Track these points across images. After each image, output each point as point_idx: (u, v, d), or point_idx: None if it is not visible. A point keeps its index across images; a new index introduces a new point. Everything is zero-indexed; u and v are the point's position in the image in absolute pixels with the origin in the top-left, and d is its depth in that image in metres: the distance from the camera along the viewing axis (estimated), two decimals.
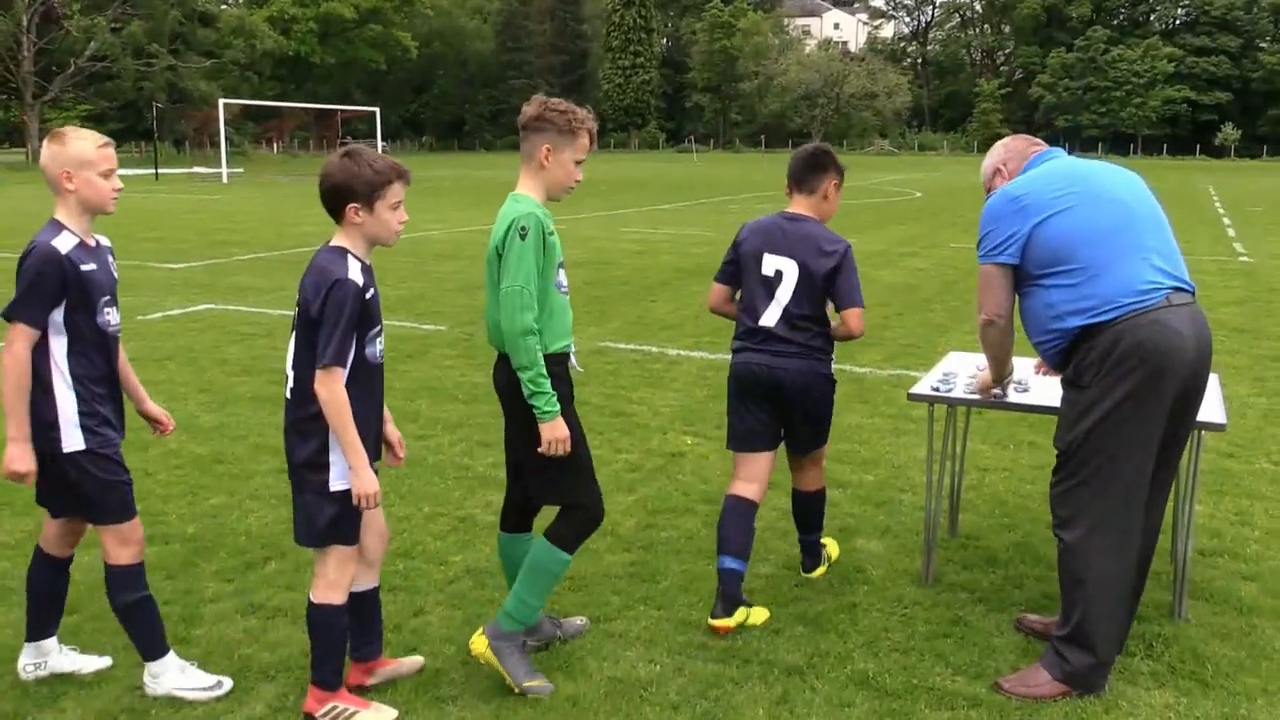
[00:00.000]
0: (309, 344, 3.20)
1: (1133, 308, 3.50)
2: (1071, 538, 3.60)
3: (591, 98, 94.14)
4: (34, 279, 3.21)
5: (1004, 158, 4.02)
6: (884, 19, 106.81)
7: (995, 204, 3.76)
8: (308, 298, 3.20)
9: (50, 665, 3.65)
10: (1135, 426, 3.53)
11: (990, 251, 3.74)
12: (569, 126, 3.56)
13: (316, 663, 3.38)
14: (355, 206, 3.23)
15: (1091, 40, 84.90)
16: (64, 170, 3.29)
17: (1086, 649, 3.56)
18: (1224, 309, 11.48)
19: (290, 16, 73.08)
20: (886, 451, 6.34)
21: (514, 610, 3.59)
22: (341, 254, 3.25)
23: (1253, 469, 6.03)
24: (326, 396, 3.15)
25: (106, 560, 3.44)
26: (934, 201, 28.95)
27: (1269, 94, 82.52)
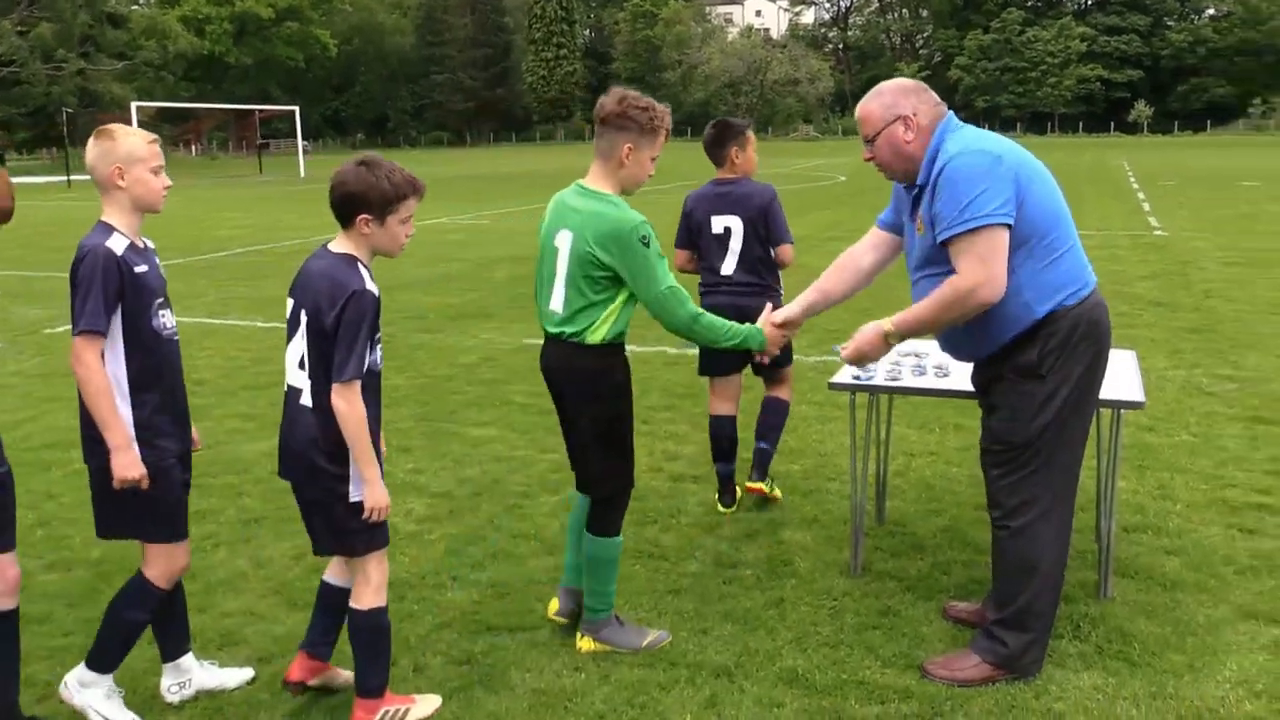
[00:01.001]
0: (322, 353, 3.12)
1: (1087, 290, 3.46)
2: (1023, 523, 3.51)
3: (515, 90, 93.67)
4: (92, 285, 3.08)
5: (915, 107, 3.49)
6: (804, 5, 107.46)
7: (977, 163, 3.32)
8: (320, 306, 3.10)
9: (195, 683, 3.54)
10: (1086, 408, 3.53)
11: (996, 210, 3.27)
12: (651, 125, 3.60)
13: (367, 673, 3.31)
14: (367, 218, 3.16)
15: (1007, 22, 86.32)
16: (115, 167, 3.17)
17: (1026, 631, 3.54)
18: (1140, 283, 11.68)
19: (204, 16, 71.47)
20: (813, 440, 6.30)
21: (595, 604, 3.81)
22: (351, 262, 3.17)
23: (1173, 442, 6.10)
24: (346, 410, 3.09)
25: (143, 570, 3.32)
26: (858, 185, 29.16)
27: (1178, 71, 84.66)
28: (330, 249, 3.22)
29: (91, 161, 3.20)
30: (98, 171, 3.19)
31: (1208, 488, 5.38)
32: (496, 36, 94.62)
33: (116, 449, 3.11)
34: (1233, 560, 4.49)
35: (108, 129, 3.22)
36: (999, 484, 3.57)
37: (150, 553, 3.32)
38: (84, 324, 3.08)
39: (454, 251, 15.87)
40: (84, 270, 3.10)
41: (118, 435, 3.12)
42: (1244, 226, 17.12)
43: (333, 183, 3.18)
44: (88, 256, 3.11)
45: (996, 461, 3.58)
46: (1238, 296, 10.84)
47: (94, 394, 3.10)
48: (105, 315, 3.10)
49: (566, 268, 3.60)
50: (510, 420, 6.84)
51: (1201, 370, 7.75)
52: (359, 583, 3.31)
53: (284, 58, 76.70)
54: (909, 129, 3.49)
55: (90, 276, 3.09)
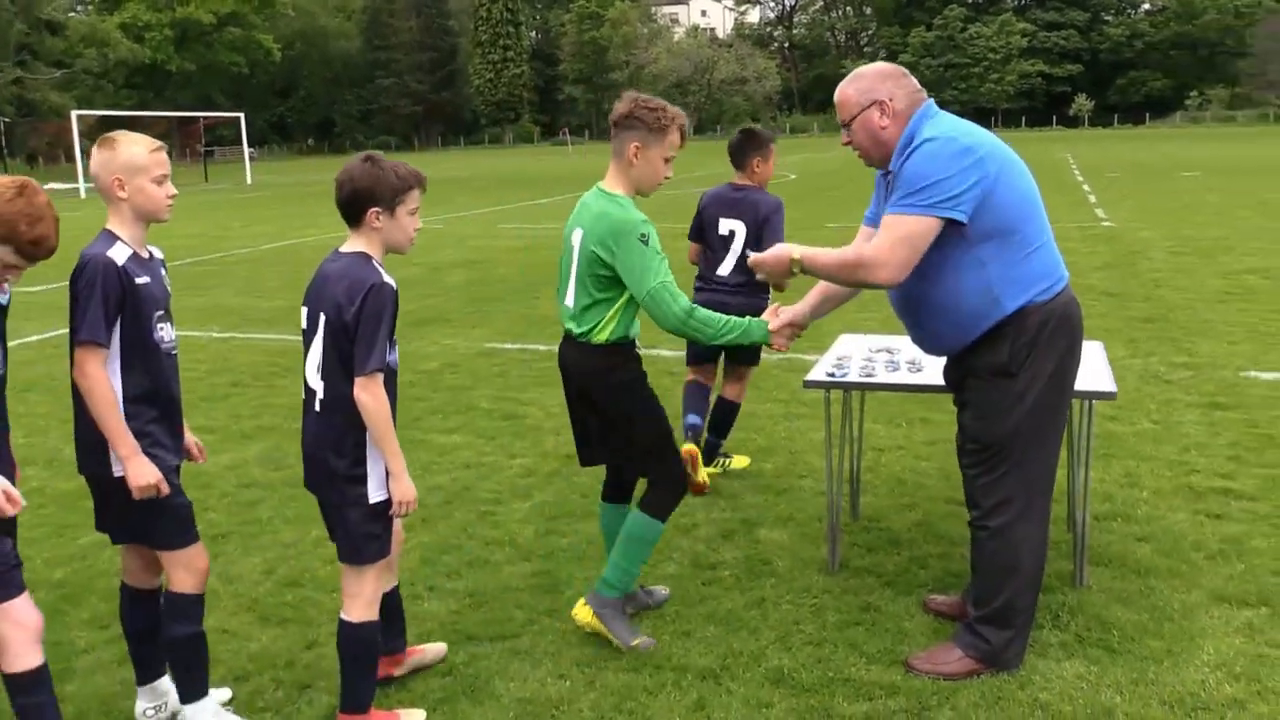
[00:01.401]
0: (340, 352, 3.13)
1: (1058, 287, 3.46)
2: (1001, 523, 3.49)
3: (462, 93, 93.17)
4: (93, 294, 3.02)
5: (891, 92, 3.45)
6: (749, 4, 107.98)
7: (943, 151, 3.28)
8: (340, 303, 3.12)
9: (171, 706, 3.44)
10: (1059, 405, 3.53)
11: (938, 203, 3.25)
12: (658, 124, 3.67)
13: (353, 688, 3.29)
14: (377, 211, 3.20)
15: (949, 19, 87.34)
16: (115, 178, 3.11)
17: (1008, 627, 3.55)
18: (1092, 274, 11.84)
19: (144, 23, 70.20)
20: (782, 438, 6.31)
21: (614, 578, 3.81)
22: (366, 259, 3.21)
23: (1136, 430, 6.18)
24: (371, 403, 3.10)
25: (168, 587, 3.24)
26: (808, 183, 29.35)
27: (1116, 64, 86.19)
28: (342, 251, 3.25)
29: (94, 170, 3.15)
30: (99, 180, 3.13)
31: (1172, 474, 5.46)
32: (442, 39, 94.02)
33: (128, 458, 3.05)
34: (1202, 545, 4.55)
35: (111, 137, 3.14)
36: (975, 483, 3.56)
37: (165, 561, 3.24)
38: (85, 334, 3.02)
39: (409, 256, 15.65)
40: (84, 280, 3.04)
41: (126, 445, 3.05)
42: (1186, 217, 17.43)
43: (339, 181, 3.21)
44: (88, 266, 3.05)
45: (973, 461, 3.56)
46: (1186, 285, 11.03)
47: (100, 404, 3.03)
48: (106, 326, 3.04)
49: (577, 266, 3.73)
50: (476, 426, 6.78)
51: (1157, 358, 7.87)
52: (352, 594, 3.27)
53: (227, 64, 75.55)
54: (884, 114, 3.46)
55: (91, 286, 3.03)
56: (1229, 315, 9.38)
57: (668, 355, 8.31)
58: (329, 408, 3.16)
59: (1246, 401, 6.69)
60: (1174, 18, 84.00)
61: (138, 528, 3.20)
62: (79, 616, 4.24)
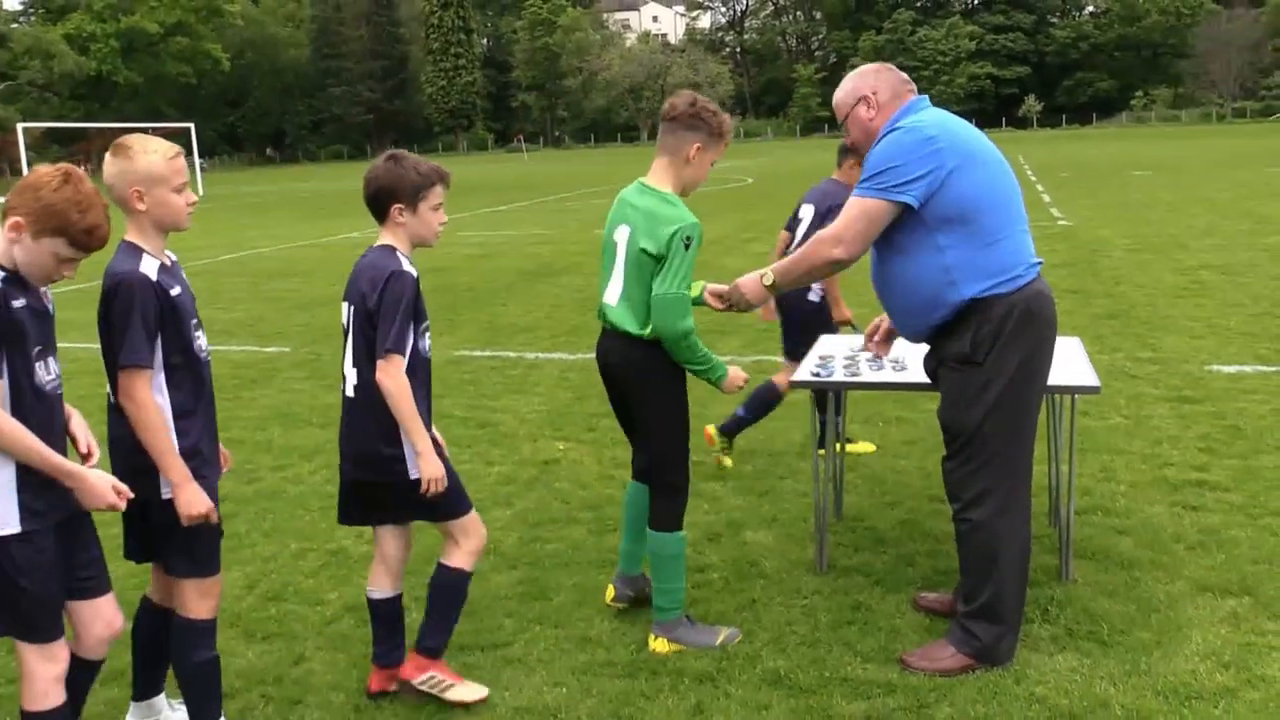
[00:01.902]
0: (367, 340, 3.26)
1: (1026, 279, 3.49)
2: (982, 516, 3.53)
3: (415, 101, 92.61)
4: (131, 315, 2.91)
5: (874, 86, 3.62)
6: (700, 10, 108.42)
7: (904, 139, 3.40)
8: (364, 292, 3.27)
9: None
10: (1030, 398, 3.55)
11: (890, 187, 3.38)
12: (720, 130, 3.78)
13: (431, 630, 3.49)
14: (400, 206, 3.35)
15: (898, 23, 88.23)
16: (135, 189, 2.98)
17: (998, 622, 3.57)
18: (1052, 272, 11.96)
19: (89, 34, 68.99)
20: (761, 440, 6.31)
21: (665, 603, 3.84)
22: (390, 251, 3.36)
23: (1108, 424, 6.25)
24: (390, 384, 3.21)
25: (182, 614, 3.13)
26: (766, 186, 29.48)
27: (1063, 66, 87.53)
28: (372, 247, 3.41)
29: (109, 180, 3.01)
30: (115, 191, 3.00)
31: (1147, 467, 5.52)
32: (394, 48, 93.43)
33: (179, 486, 2.96)
34: (1181, 537, 4.61)
35: (125, 144, 3.01)
36: (953, 476, 3.60)
37: (183, 587, 3.12)
38: (130, 358, 2.91)
39: None
40: (120, 301, 2.92)
41: (178, 471, 2.96)
42: (1140, 214, 17.72)
43: (366, 179, 3.37)
44: (121, 286, 2.93)
45: (950, 453, 3.61)
46: (1145, 281, 11.20)
47: (150, 430, 2.93)
48: (149, 346, 2.93)
49: (624, 262, 3.73)
50: (451, 435, 6.69)
51: (1123, 354, 7.98)
52: (449, 544, 3.48)
53: (175, 74, 74.48)
54: (870, 107, 3.62)
55: (128, 307, 2.91)
56: (1188, 310, 9.53)
57: None
58: (361, 393, 3.29)
59: (1212, 394, 6.80)
60: (1118, 20, 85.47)
61: (169, 550, 3.09)
62: None
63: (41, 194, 2.70)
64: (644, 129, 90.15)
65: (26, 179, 2.77)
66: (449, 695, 3.46)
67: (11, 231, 2.71)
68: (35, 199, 2.69)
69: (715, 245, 15.65)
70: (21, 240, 2.70)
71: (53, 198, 2.69)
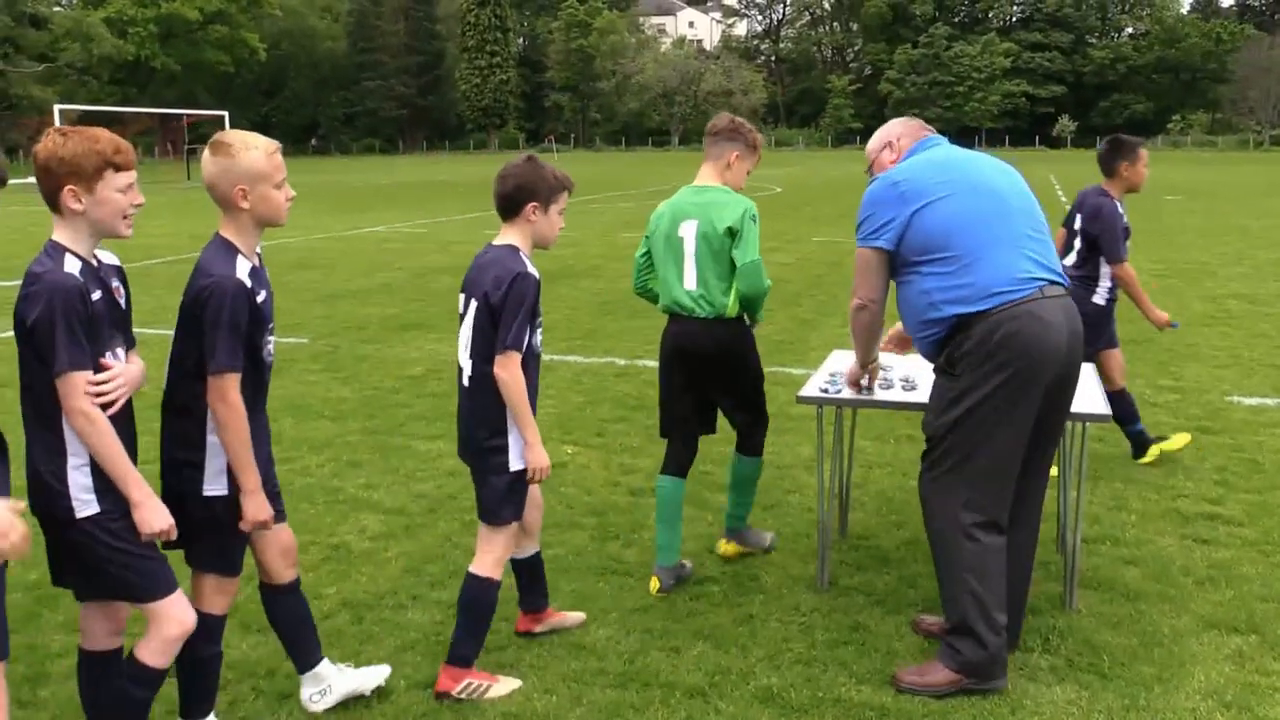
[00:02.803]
0: (485, 335, 3.45)
1: (1008, 298, 3.49)
2: (940, 525, 3.61)
3: (448, 98, 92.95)
4: (223, 321, 2.93)
5: (898, 134, 3.97)
6: (737, 17, 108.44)
7: (876, 189, 3.73)
8: (487, 290, 3.45)
9: (335, 689, 3.47)
10: (1007, 418, 3.52)
11: (868, 236, 3.71)
12: (753, 144, 4.41)
13: (462, 639, 3.59)
14: (535, 205, 3.55)
15: (934, 37, 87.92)
16: (239, 187, 2.98)
17: (973, 637, 3.55)
18: None
19: (129, 18, 69.62)
20: (769, 453, 6.20)
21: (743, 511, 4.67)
22: (515, 251, 3.55)
23: (1122, 452, 6.17)
24: (507, 378, 3.41)
25: (198, 607, 3.10)
26: (794, 196, 29.41)
27: (1100, 86, 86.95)
28: (494, 244, 3.60)
29: (210, 179, 3.00)
30: (218, 190, 3.00)
31: (1159, 497, 5.45)
32: (429, 44, 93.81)
33: (250, 493, 3.01)
34: (1190, 570, 4.54)
35: (225, 141, 3.00)
36: (921, 481, 3.71)
37: (202, 580, 3.17)
38: (225, 362, 2.94)
39: (393, 260, 15.64)
40: (214, 306, 2.93)
41: (253, 480, 3.01)
42: (1170, 240, 17.55)
43: (502, 176, 3.57)
44: (216, 291, 2.94)
45: (923, 456, 3.72)
46: (1170, 308, 10.98)
47: (235, 435, 2.96)
48: (241, 350, 2.96)
49: (695, 252, 4.25)
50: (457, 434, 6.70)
51: (1143, 381, 7.89)
52: (484, 550, 3.60)
53: (212, 62, 75.05)
54: (892, 152, 3.94)
55: (220, 313, 2.93)
56: (1213, 339, 9.42)
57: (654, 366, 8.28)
58: (475, 384, 3.51)
59: (1231, 426, 6.71)
60: (1157, 42, 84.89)
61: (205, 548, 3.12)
62: (54, 619, 4.16)
63: (62, 156, 2.72)
64: (675, 134, 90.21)
65: (38, 163, 2.78)
66: (488, 697, 3.55)
67: (74, 203, 2.74)
68: (61, 163, 2.72)
69: None
70: (85, 201, 2.74)
71: (71, 150, 2.72)
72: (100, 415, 2.73)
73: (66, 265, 2.72)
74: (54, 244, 2.77)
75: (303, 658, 3.46)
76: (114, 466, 2.75)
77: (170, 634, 2.93)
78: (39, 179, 2.76)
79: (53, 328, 2.65)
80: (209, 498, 3.03)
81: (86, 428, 2.70)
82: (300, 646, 3.46)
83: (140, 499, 2.79)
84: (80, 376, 2.68)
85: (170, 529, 2.84)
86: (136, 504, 2.79)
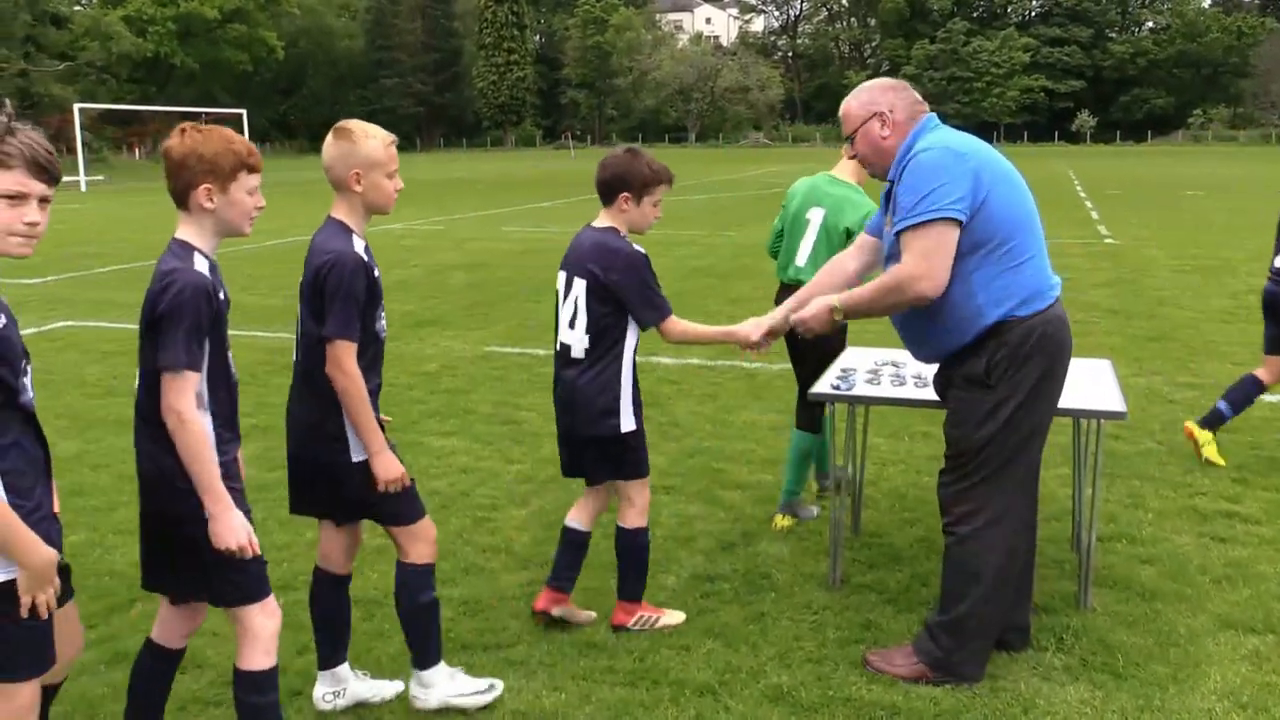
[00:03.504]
0: (593, 311, 3.72)
1: (1044, 303, 3.44)
2: (967, 532, 3.53)
3: (465, 95, 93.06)
4: (342, 292, 3.09)
5: (891, 103, 3.54)
6: (754, 13, 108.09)
7: (939, 158, 3.33)
8: (595, 272, 3.71)
9: (349, 693, 3.50)
10: (1037, 421, 3.50)
11: (945, 205, 3.26)
12: None
13: (630, 582, 3.97)
14: (627, 196, 3.76)
15: (952, 32, 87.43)
16: (355, 171, 3.16)
17: (965, 638, 3.53)
18: (1095, 291, 11.79)
19: (148, 17, 69.96)
20: (783, 449, 6.23)
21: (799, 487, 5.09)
22: (616, 233, 3.80)
23: (1140, 449, 6.12)
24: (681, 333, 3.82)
25: (402, 560, 3.36)
26: None
27: (1120, 82, 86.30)
28: (594, 226, 3.86)
29: (329, 161, 3.18)
30: (334, 172, 3.17)
31: (1177, 495, 5.40)
32: (446, 41, 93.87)
33: (377, 454, 3.13)
34: (1207, 569, 4.49)
35: (347, 128, 3.17)
36: (948, 490, 3.59)
37: (397, 536, 3.34)
38: (342, 331, 3.09)
39: (410, 257, 15.66)
40: (335, 278, 3.09)
41: (377, 441, 3.13)
42: (1190, 235, 17.41)
43: (603, 164, 3.82)
44: (337, 264, 3.10)
45: (948, 467, 3.60)
46: (1190, 304, 10.98)
47: (357, 400, 3.09)
48: (358, 322, 3.09)
49: (815, 236, 4.76)
50: (474, 431, 6.71)
51: (1162, 378, 7.82)
52: (624, 506, 3.92)
53: (230, 61, 75.34)
54: (885, 125, 3.54)
55: (341, 284, 3.09)
56: (1233, 336, 9.33)
57: (668, 363, 8.28)
58: (590, 357, 3.75)
59: (1250, 424, 6.63)
60: (1178, 36, 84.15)
61: (375, 507, 3.27)
62: None
63: (202, 153, 2.74)
64: (692, 130, 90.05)
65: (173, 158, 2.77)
66: (658, 626, 3.99)
67: (207, 201, 2.76)
68: (201, 160, 2.74)
69: (756, 251, 15.54)
70: (217, 201, 2.77)
71: (211, 148, 2.75)
72: (197, 420, 2.66)
73: (196, 264, 2.74)
74: (180, 242, 2.78)
75: (329, 653, 3.48)
76: (201, 473, 2.67)
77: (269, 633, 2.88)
78: (172, 174, 2.78)
79: (177, 325, 2.63)
80: (359, 462, 3.19)
81: (178, 428, 2.64)
82: (331, 641, 3.48)
83: (217, 513, 2.70)
84: (193, 378, 2.68)
85: (245, 547, 2.72)
86: (214, 517, 2.70)
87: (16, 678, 2.37)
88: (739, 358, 8.25)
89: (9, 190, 2.30)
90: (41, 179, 2.34)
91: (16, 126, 2.30)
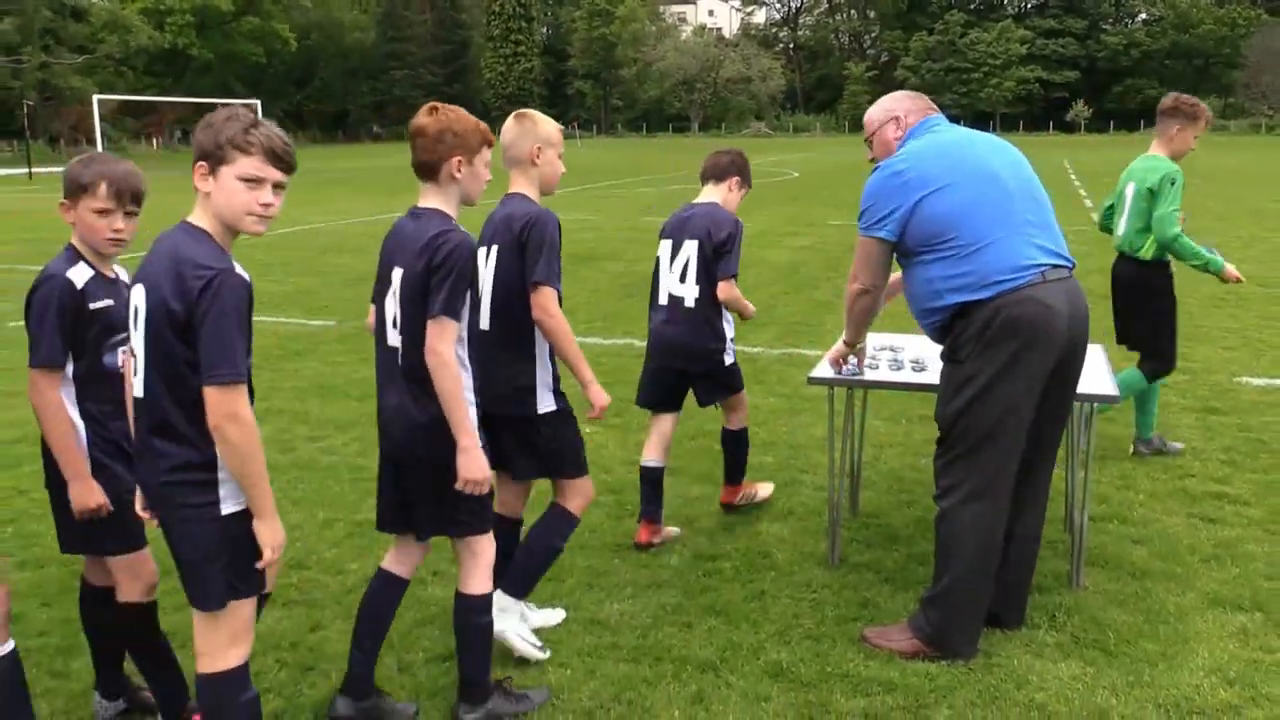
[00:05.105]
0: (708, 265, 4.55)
1: (1009, 285, 3.54)
2: (946, 506, 3.70)
3: (474, 86, 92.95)
4: (551, 241, 3.49)
5: (904, 109, 3.92)
6: (756, 5, 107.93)
7: (878, 179, 3.73)
8: (707, 234, 4.55)
9: (532, 622, 3.86)
10: (1010, 400, 3.58)
11: (871, 226, 3.73)
12: (1194, 114, 5.74)
13: (733, 468, 4.93)
14: (738, 180, 4.77)
15: (949, 24, 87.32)
16: (536, 147, 3.59)
17: (949, 612, 3.65)
18: (1089, 277, 11.78)
19: (166, 8, 70.02)
20: (784, 432, 6.35)
21: (1151, 421, 5.90)
22: (718, 207, 4.68)
23: (1131, 432, 6.20)
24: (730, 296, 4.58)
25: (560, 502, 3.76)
26: (811, 181, 29.36)
27: (1114, 72, 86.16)
28: (699, 202, 4.72)
29: (510, 140, 3.59)
30: (517, 148, 3.59)
31: (1167, 477, 5.51)
32: (455, 33, 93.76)
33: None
34: (1197, 549, 4.60)
35: (527, 113, 3.63)
36: (936, 463, 3.78)
37: (569, 489, 3.71)
38: (547, 278, 3.46)
39: None
40: (537, 232, 3.49)
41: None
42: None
43: (720, 152, 4.81)
44: (537, 221, 3.49)
45: (938, 441, 3.79)
46: (1181, 290, 10.95)
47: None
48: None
49: (1130, 206, 5.70)
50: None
51: None
52: (731, 415, 4.86)
53: (245, 53, 75.47)
54: (898, 127, 3.90)
55: (544, 236, 3.48)
56: (1222, 321, 9.43)
57: None
58: (700, 304, 4.54)
59: (1240, 406, 6.75)
60: (1171, 28, 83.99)
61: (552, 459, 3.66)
62: None
63: (456, 130, 3.11)
64: (695, 120, 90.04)
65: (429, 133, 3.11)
66: (758, 498, 5.02)
67: (456, 173, 3.13)
68: (455, 136, 3.13)
69: (758, 238, 15.64)
70: (464, 173, 3.13)
71: (463, 125, 3.12)
72: (455, 362, 3.01)
73: (459, 228, 3.09)
74: (437, 211, 3.13)
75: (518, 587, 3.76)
76: (456, 409, 3.01)
77: (490, 559, 3.24)
78: (426, 148, 3.12)
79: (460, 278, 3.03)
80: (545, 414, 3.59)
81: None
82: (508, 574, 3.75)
83: (468, 445, 3.04)
84: (454, 325, 3.01)
85: (485, 480, 3.09)
86: (464, 450, 3.04)
87: (253, 593, 2.73)
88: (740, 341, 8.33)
89: (248, 174, 2.56)
90: (278, 167, 2.61)
91: (260, 121, 2.58)
